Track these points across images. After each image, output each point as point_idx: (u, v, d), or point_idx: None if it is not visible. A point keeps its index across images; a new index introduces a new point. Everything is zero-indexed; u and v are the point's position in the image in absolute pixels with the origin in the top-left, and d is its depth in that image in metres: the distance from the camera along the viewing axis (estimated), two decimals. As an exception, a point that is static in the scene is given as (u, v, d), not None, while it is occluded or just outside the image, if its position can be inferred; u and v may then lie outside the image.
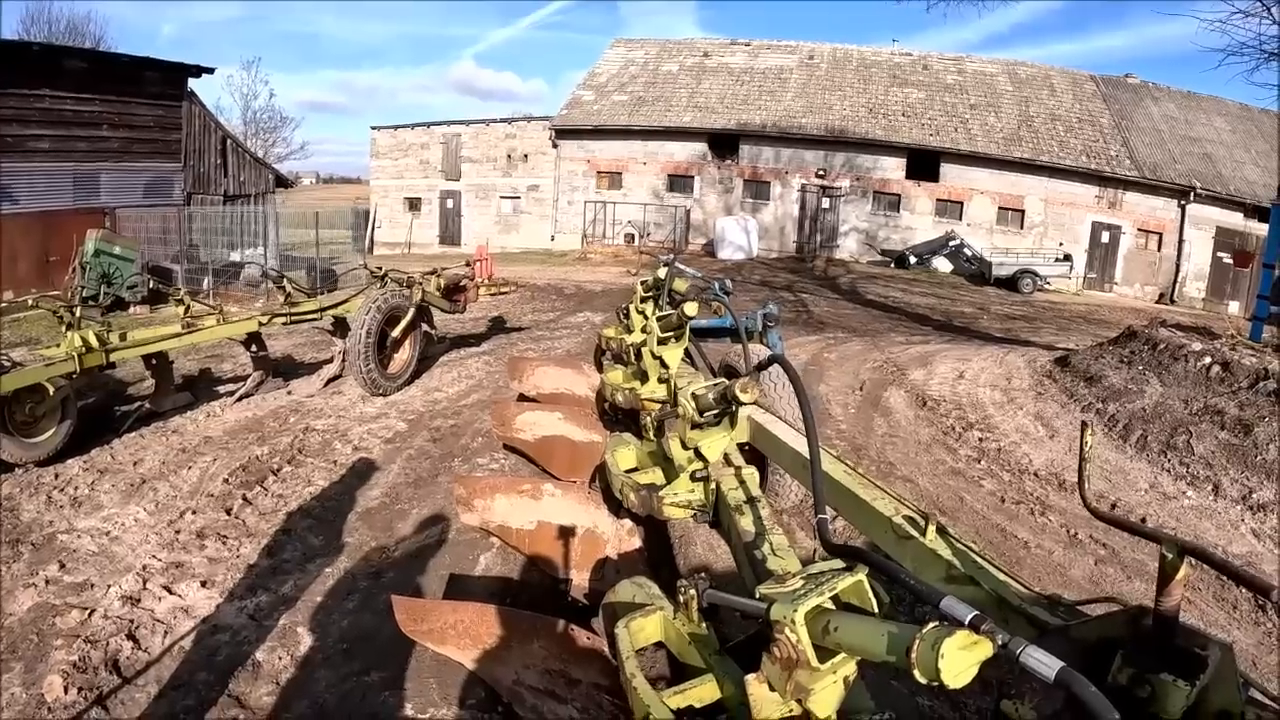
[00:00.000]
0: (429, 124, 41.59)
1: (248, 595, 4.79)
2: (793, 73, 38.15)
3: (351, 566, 5.13)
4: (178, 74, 24.35)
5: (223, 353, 11.50)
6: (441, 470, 6.81)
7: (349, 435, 7.72)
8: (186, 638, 4.36)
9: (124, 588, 4.87)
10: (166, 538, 5.58)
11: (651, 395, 5.18)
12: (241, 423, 8.24)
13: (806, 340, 13.76)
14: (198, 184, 24.99)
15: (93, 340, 7.27)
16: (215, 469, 6.90)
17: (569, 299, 18.77)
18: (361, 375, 8.73)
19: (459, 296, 10.66)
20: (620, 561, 4.24)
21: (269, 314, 9.05)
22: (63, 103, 21.40)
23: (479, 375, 10.22)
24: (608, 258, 31.66)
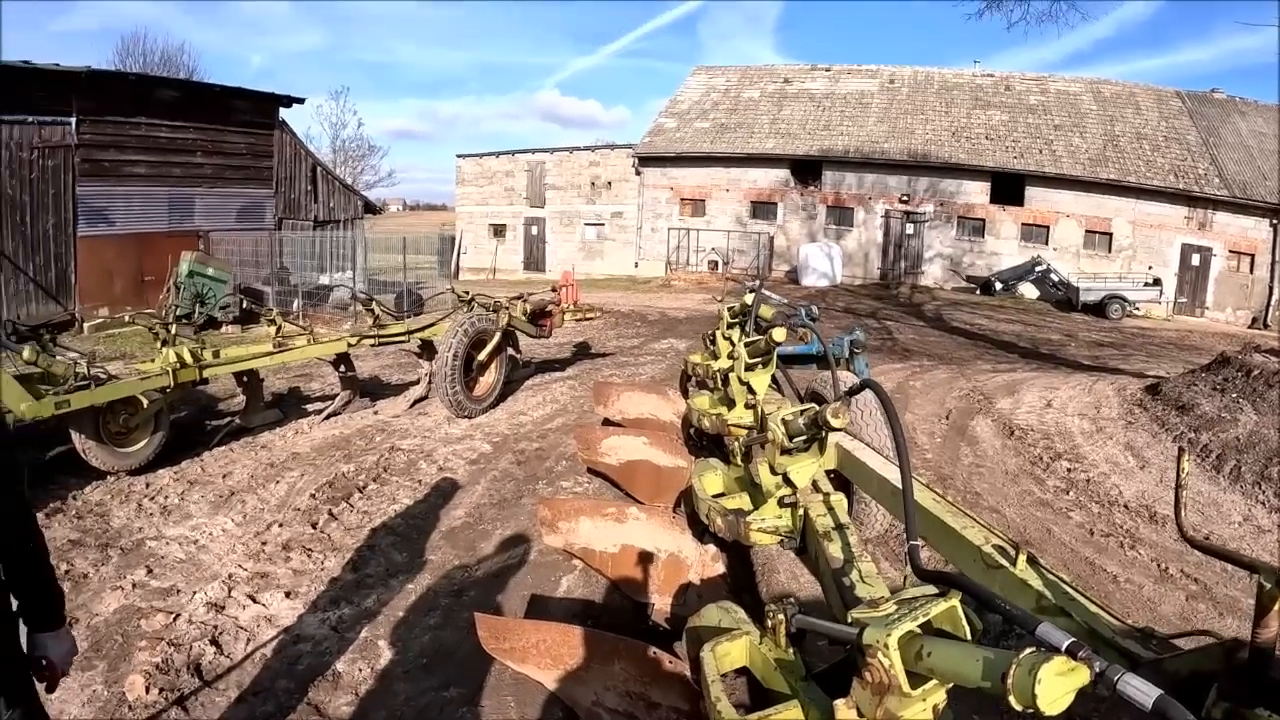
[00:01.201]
0: (514, 152, 42.59)
1: (330, 607, 4.97)
2: (874, 97, 38.01)
3: (434, 583, 5.28)
4: (269, 103, 25.49)
5: (311, 372, 11.96)
6: (525, 492, 6.95)
7: (434, 456, 7.94)
8: (268, 645, 4.56)
9: (209, 595, 5.10)
10: (253, 548, 5.83)
11: (738, 421, 5.22)
12: (329, 440, 8.56)
13: (892, 368, 13.64)
14: (289, 209, 25.91)
15: (187, 356, 7.68)
16: (302, 484, 7.19)
17: (652, 325, 18.94)
18: (448, 397, 8.99)
19: (545, 322, 10.88)
20: (703, 587, 4.27)
21: (358, 336, 9.41)
22: (158, 130, 22.52)
23: (564, 400, 10.39)
24: (691, 285, 31.82)
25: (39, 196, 19.99)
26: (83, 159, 20.79)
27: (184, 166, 23.05)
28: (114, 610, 4.92)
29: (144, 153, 22.15)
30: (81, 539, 5.91)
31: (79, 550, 5.70)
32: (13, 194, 19.62)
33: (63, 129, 20.56)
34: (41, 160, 20.15)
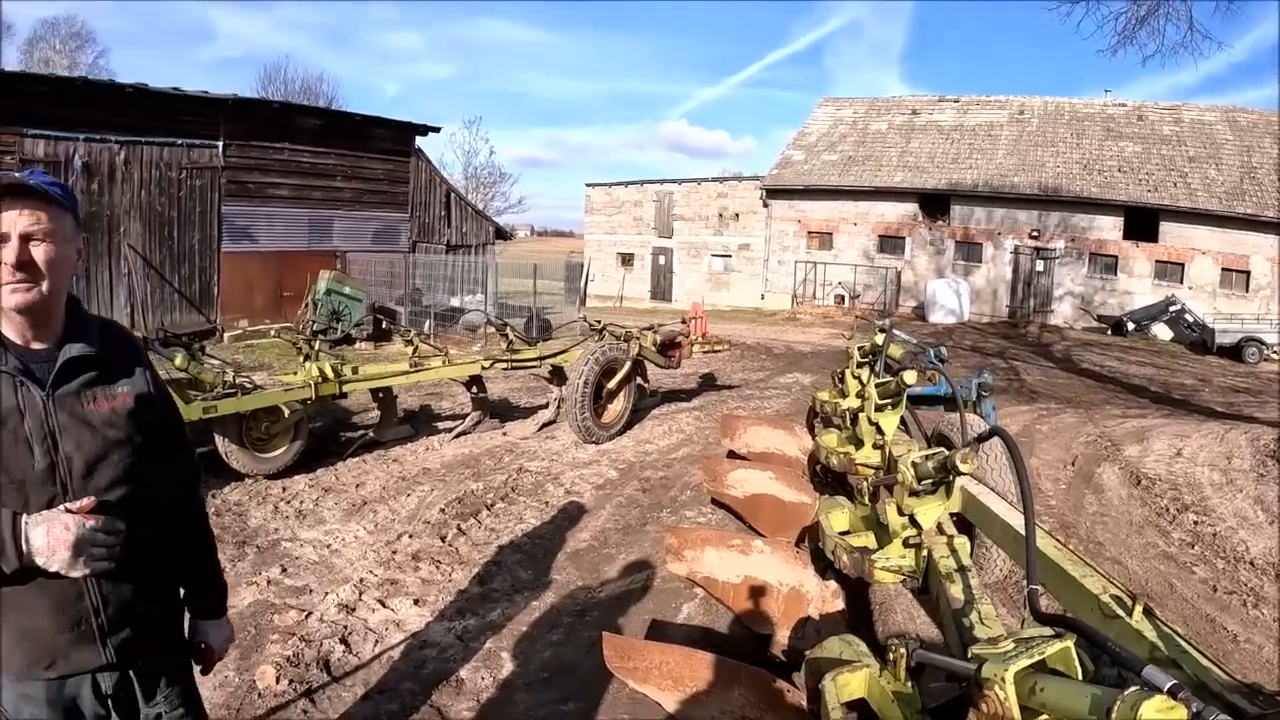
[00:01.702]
0: (642, 182, 43.34)
1: (456, 617, 5.20)
2: (1003, 129, 37.14)
3: (557, 602, 5.46)
4: (406, 132, 26.69)
5: (442, 391, 12.42)
6: (649, 519, 7.11)
7: (561, 479, 8.19)
8: (396, 649, 4.81)
9: (341, 596, 5.42)
10: (383, 556, 6.15)
11: (866, 461, 5.31)
12: (458, 458, 8.92)
13: (1019, 410, 13.38)
14: (423, 233, 26.92)
15: (329, 371, 8.19)
16: (432, 499, 7.53)
17: (778, 359, 18.97)
18: (577, 423, 9.30)
19: (674, 352, 11.08)
20: (822, 622, 4.34)
21: (492, 359, 9.81)
22: (300, 155, 23.90)
23: (689, 430, 10.54)
24: (817, 318, 31.68)
25: (186, 213, 21.39)
26: (228, 180, 22.20)
27: (324, 190, 24.32)
28: (249, 604, 5.27)
29: (286, 176, 23.51)
30: (220, 535, 6.30)
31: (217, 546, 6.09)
32: (161, 210, 21.08)
33: (210, 152, 22.05)
34: (190, 180, 21.61)
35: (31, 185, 1.94)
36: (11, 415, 1.93)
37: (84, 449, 2.01)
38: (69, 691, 2.05)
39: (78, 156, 19.86)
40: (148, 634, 2.16)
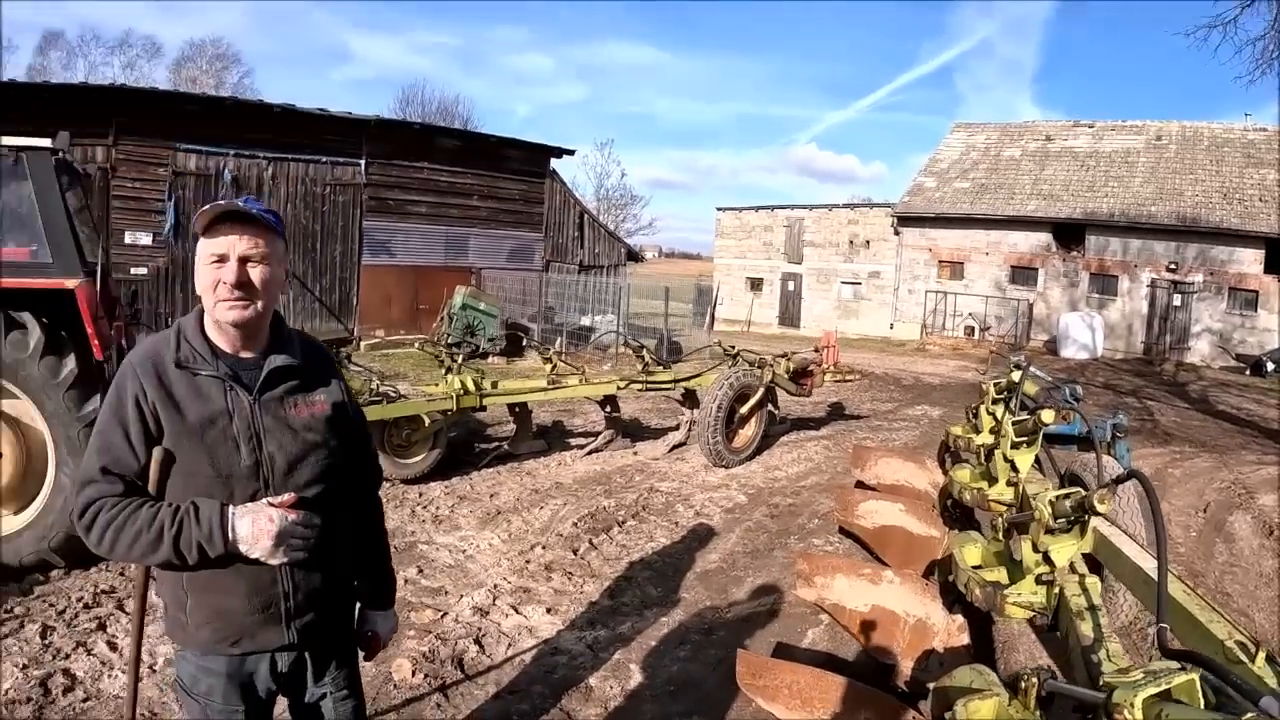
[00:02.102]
0: (773, 207, 43.40)
1: (587, 627, 5.43)
2: (1140, 155, 35.50)
3: (685, 619, 5.63)
4: (541, 154, 27.53)
5: (574, 408, 12.77)
6: (777, 545, 7.23)
7: (691, 500, 8.38)
8: (527, 653, 5.05)
9: (476, 600, 5.71)
10: (517, 565, 6.44)
11: (999, 497, 5.36)
12: (591, 474, 9.22)
13: (1151, 452, 12.97)
14: (556, 253, 27.59)
15: (470, 384, 8.64)
16: (565, 512, 7.82)
17: (907, 390, 18.79)
18: (708, 446, 9.50)
19: (805, 380, 11.18)
20: (946, 655, 4.41)
21: (627, 379, 10.12)
22: (439, 174, 24.97)
23: (817, 459, 10.62)
24: (946, 350, 31.04)
25: (328, 227, 22.54)
26: (370, 196, 23.30)
27: (461, 208, 25.26)
28: (387, 600, 5.60)
29: (425, 194, 24.55)
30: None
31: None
32: (306, 223, 22.26)
33: (353, 169, 23.26)
34: (333, 196, 22.80)
35: (250, 212, 2.22)
36: (221, 416, 2.21)
37: (285, 449, 2.28)
38: (248, 667, 2.32)
39: (227, 171, 21.15)
40: (326, 619, 2.41)
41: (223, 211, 2.19)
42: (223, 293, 2.18)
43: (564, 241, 27.82)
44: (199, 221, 2.21)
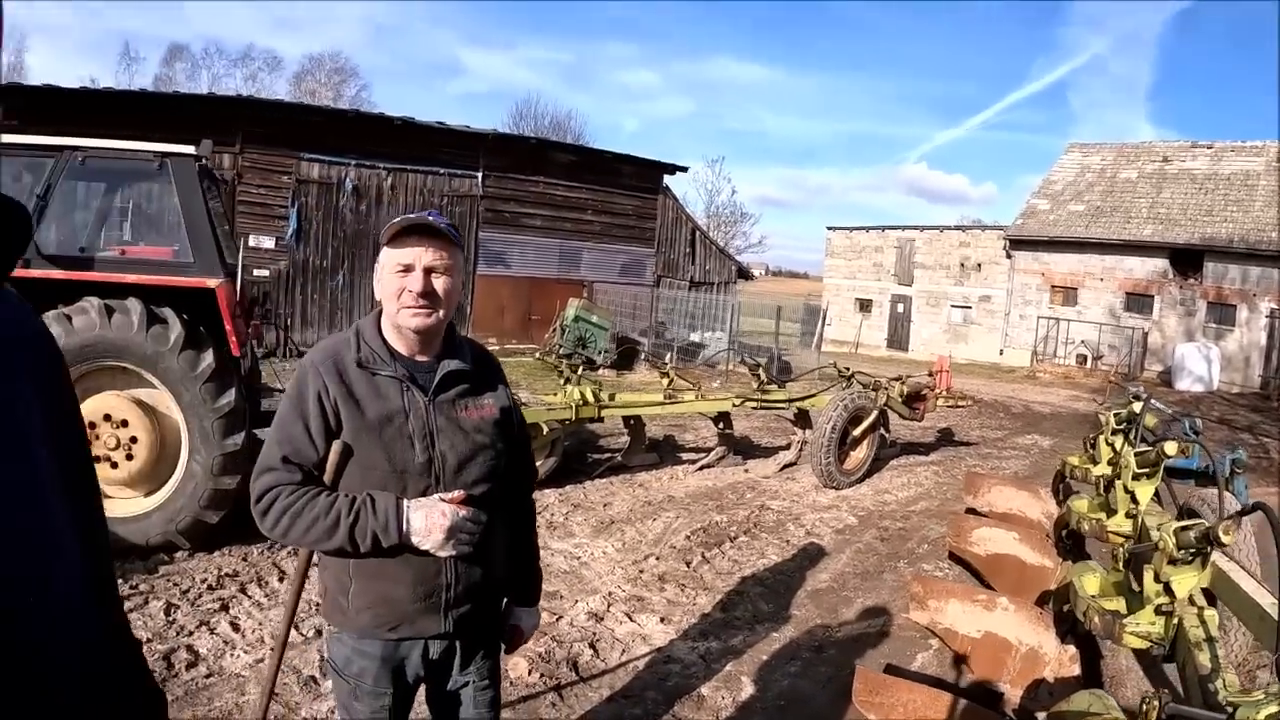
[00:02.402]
0: (883, 227, 42.82)
1: (700, 639, 5.56)
2: (1260, 178, 33.50)
3: (796, 636, 5.72)
4: (654, 170, 27.90)
5: (685, 423, 12.96)
6: (887, 568, 7.28)
7: (802, 520, 8.47)
8: (640, 660, 5.21)
9: (590, 606, 5.90)
10: (630, 574, 6.63)
11: (1117, 529, 5.35)
12: (702, 490, 9.39)
13: (1268, 492, 12.50)
14: (667, 268, 27.84)
15: (589, 396, 8.90)
16: (677, 525, 7.99)
17: (1016, 419, 18.48)
18: (820, 467, 9.60)
19: (918, 405, 11.19)
20: (1056, 685, 4.43)
21: (743, 397, 10.28)
22: (554, 188, 25.54)
23: (927, 484, 10.61)
24: (1057, 378, 30.18)
25: (446, 238, 23.13)
26: (486, 208, 23.94)
27: (575, 222, 25.77)
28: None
29: (540, 207, 25.13)
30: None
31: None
32: (423, 233, 22.85)
33: (470, 181, 23.97)
34: (450, 206, 23.48)
35: (436, 225, 2.39)
36: (399, 414, 2.39)
37: (456, 448, 2.44)
38: (401, 652, 2.48)
39: (348, 180, 21.96)
40: (480, 612, 2.56)
41: (410, 224, 2.37)
42: (407, 300, 2.36)
43: (675, 257, 28.08)
44: (386, 232, 2.40)
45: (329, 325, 22.08)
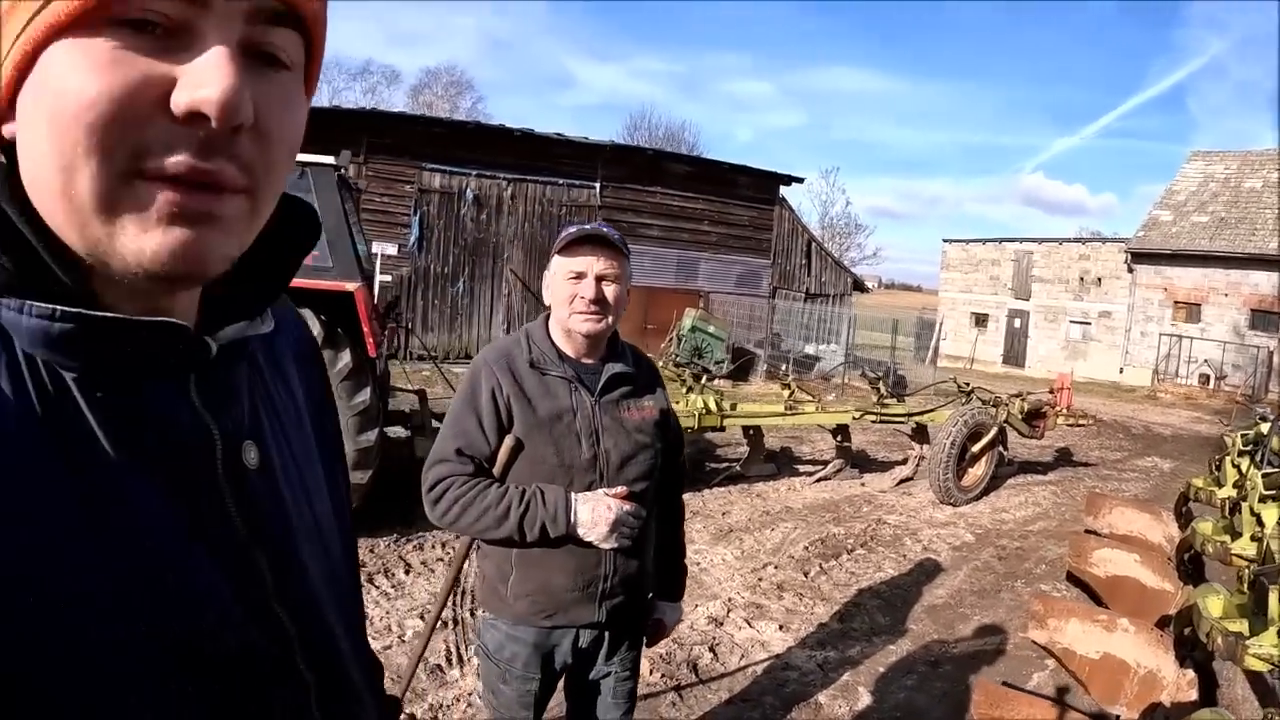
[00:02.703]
0: (1000, 240, 41.68)
1: (817, 648, 5.69)
2: None
3: (912, 650, 5.81)
4: (771, 181, 27.83)
5: (802, 435, 13.06)
6: (1004, 587, 7.29)
7: (919, 535, 8.52)
8: (758, 665, 5.36)
9: (710, 610, 6.08)
10: (749, 581, 6.78)
11: (1241, 551, 5.30)
12: (819, 501, 9.49)
13: None
14: (783, 280, 27.82)
15: (712, 405, 9.03)
16: (795, 536, 8.12)
17: (1136, 440, 18.02)
18: (939, 483, 9.60)
19: (1038, 423, 11.08)
20: (1172, 709, 4.43)
21: (862, 410, 10.33)
22: (671, 198, 25.73)
23: (1045, 504, 10.52)
24: (1179, 399, 29.01)
25: (564, 246, 23.54)
26: (604, 218, 24.12)
27: (691, 232, 25.94)
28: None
29: (657, 217, 25.37)
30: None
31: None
32: (542, 241, 23.43)
33: (588, 191, 24.39)
34: (568, 216, 23.93)
35: (608, 236, 2.56)
36: (567, 413, 2.57)
37: (620, 446, 2.61)
38: (553, 640, 2.64)
39: (469, 189, 22.56)
40: (631, 603, 2.70)
41: (584, 234, 2.54)
42: (579, 306, 2.52)
43: (791, 269, 28.04)
44: (560, 241, 2.58)
45: (449, 330, 22.72)
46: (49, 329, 0.66)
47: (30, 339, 0.67)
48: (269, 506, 0.83)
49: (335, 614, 0.93)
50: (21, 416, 0.65)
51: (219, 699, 0.74)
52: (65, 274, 0.68)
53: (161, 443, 0.74)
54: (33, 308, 0.66)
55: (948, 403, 10.83)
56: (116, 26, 0.62)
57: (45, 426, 0.66)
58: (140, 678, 0.67)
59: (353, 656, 0.97)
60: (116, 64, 0.62)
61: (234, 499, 0.79)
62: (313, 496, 0.95)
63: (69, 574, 0.63)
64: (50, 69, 0.63)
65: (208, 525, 0.76)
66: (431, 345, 18.34)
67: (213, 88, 0.63)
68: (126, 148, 0.63)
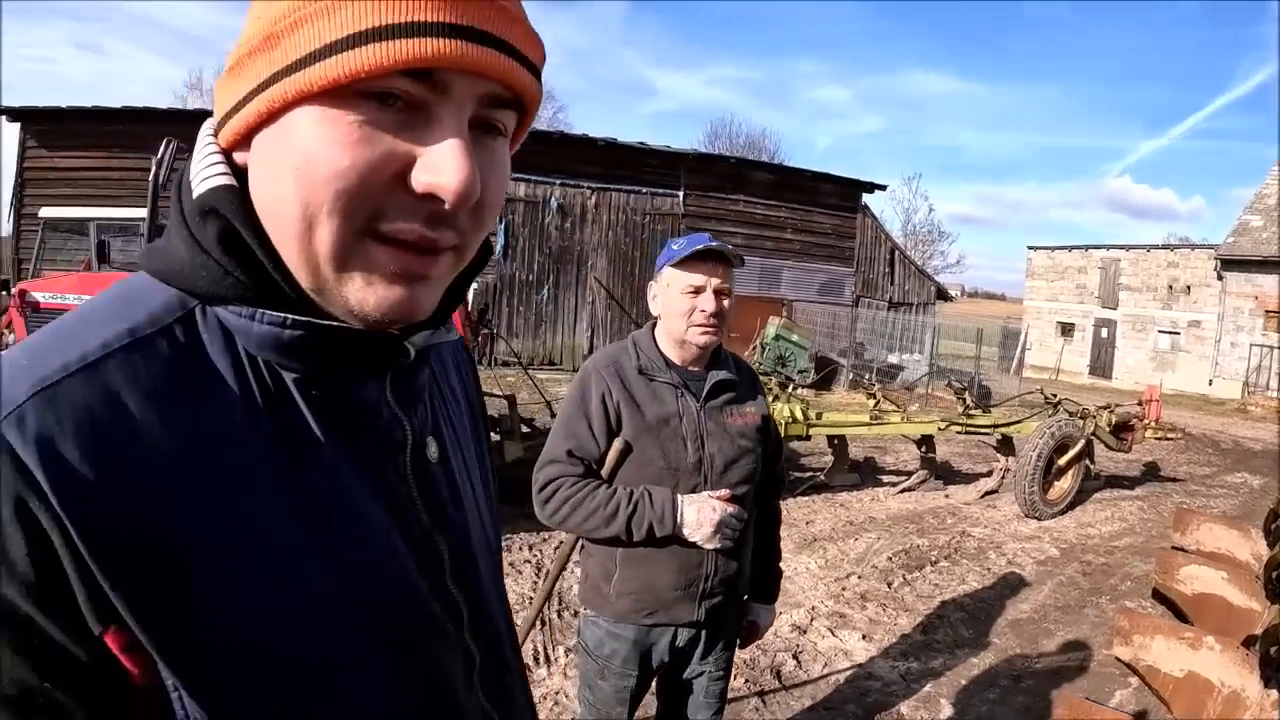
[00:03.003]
0: (1086, 247, 40.73)
1: (900, 658, 5.74)
2: None
3: (995, 664, 5.83)
4: (853, 188, 27.61)
5: (885, 445, 13.08)
6: (1088, 603, 7.24)
7: (1003, 548, 8.49)
8: (841, 674, 5.44)
9: (794, 618, 6.17)
10: (833, 590, 6.86)
11: (1331, 572, 5.26)
12: (903, 513, 9.52)
13: None
14: (866, 288, 27.64)
15: (799, 414, 9.08)
16: (879, 546, 8.17)
17: (1225, 455, 17.57)
18: (1024, 496, 9.53)
19: (1125, 435, 10.92)
20: (1252, 730, 4.43)
21: (947, 420, 10.29)
22: (754, 206, 25.76)
23: (1131, 519, 10.37)
24: (1270, 413, 27.76)
25: (648, 254, 23.79)
26: (687, 226, 24.32)
27: (774, 241, 25.96)
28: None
29: (740, 226, 25.41)
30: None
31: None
32: (625, 249, 23.72)
33: (671, 200, 24.58)
34: (651, 224, 24.13)
35: (725, 251, 2.66)
36: (674, 417, 2.68)
37: (723, 451, 2.70)
38: (652, 638, 2.75)
39: (554, 198, 22.93)
40: (728, 603, 2.80)
41: (703, 249, 2.63)
42: (698, 319, 2.62)
43: (874, 277, 27.87)
44: (677, 254, 2.68)
45: (534, 336, 23.08)
46: (279, 335, 0.77)
47: (259, 343, 0.78)
48: (447, 497, 0.96)
49: (495, 598, 1.06)
50: (246, 409, 0.77)
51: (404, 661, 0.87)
52: (289, 288, 0.78)
53: (365, 435, 0.86)
54: (264, 315, 0.76)
55: (1034, 414, 10.74)
56: (363, 99, 0.71)
57: (266, 417, 0.78)
58: (343, 628, 0.81)
59: (508, 637, 1.10)
60: (364, 140, 0.71)
61: (418, 488, 0.91)
62: (476, 490, 1.07)
63: (284, 536, 0.76)
64: (299, 130, 0.72)
65: (398, 510, 0.88)
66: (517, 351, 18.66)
67: (450, 176, 0.73)
68: (365, 213, 0.73)
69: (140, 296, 0.78)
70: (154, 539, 0.69)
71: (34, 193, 21.10)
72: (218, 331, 0.78)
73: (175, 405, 0.73)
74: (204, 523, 0.71)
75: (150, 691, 0.71)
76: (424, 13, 0.70)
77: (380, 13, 0.69)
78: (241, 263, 0.77)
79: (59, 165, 21.36)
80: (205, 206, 0.78)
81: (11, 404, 0.67)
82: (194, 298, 0.78)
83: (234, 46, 0.77)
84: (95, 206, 12.33)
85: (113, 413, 0.69)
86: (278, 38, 0.72)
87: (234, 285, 0.77)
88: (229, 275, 0.77)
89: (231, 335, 0.78)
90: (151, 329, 0.75)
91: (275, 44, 0.72)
